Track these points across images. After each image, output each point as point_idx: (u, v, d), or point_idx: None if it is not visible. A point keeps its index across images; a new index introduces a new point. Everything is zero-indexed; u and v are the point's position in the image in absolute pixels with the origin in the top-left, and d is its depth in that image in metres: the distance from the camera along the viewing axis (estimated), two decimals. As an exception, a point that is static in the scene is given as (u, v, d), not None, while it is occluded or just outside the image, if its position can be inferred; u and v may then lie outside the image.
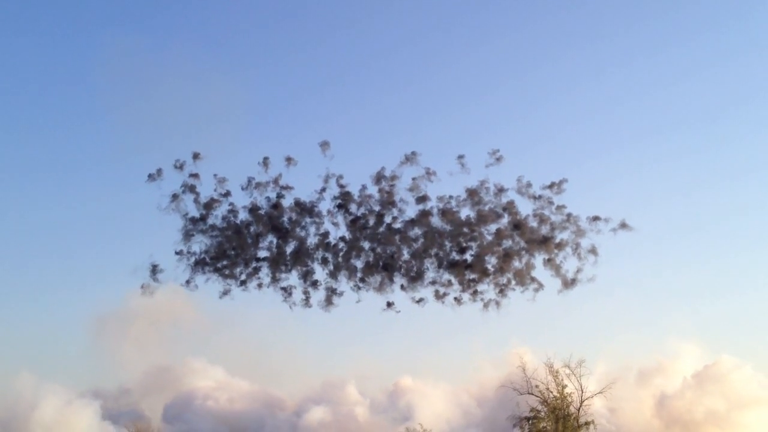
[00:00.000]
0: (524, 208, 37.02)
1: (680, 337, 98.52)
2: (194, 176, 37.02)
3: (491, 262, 36.90)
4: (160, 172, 36.68)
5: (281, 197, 37.16)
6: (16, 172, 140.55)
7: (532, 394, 40.98)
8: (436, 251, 36.97)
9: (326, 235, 37.26)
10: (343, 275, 37.14)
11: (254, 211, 37.08)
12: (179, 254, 36.91)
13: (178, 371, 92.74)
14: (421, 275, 36.97)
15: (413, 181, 36.80)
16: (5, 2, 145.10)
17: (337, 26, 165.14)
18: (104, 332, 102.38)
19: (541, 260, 37.13)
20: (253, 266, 37.32)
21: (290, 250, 37.30)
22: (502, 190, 36.94)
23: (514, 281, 36.95)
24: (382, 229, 36.93)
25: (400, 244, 36.92)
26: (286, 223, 37.21)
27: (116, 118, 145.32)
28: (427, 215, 36.75)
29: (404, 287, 37.05)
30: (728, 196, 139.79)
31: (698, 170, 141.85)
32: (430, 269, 37.07)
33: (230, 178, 37.36)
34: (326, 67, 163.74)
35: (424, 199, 36.81)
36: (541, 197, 37.09)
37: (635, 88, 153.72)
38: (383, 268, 36.87)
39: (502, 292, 36.99)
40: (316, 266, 37.32)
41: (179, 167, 36.92)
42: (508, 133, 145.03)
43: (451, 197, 36.90)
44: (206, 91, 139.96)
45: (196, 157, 36.92)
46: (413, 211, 36.89)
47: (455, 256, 36.89)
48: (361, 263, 37.08)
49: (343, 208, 37.06)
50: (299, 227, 37.23)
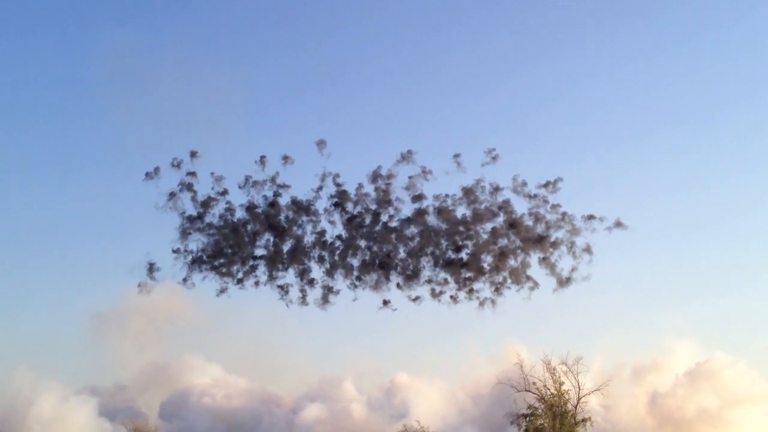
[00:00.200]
0: (520, 206, 37.41)
1: (675, 334, 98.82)
2: (191, 174, 37.30)
3: (487, 260, 37.20)
4: (157, 170, 36.94)
5: (278, 196, 37.42)
6: (13, 170, 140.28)
7: (529, 391, 41.27)
8: (432, 250, 37.19)
9: (323, 233, 37.49)
10: (339, 273, 37.40)
11: (251, 209, 37.26)
12: (176, 252, 37.19)
13: (175, 368, 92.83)
14: (417, 273, 37.22)
15: (409, 179, 37.12)
16: (4, 1, 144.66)
17: (334, 25, 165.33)
18: (102, 329, 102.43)
19: (536, 259, 37.47)
20: (250, 264, 37.50)
21: (287, 248, 37.54)
22: (497, 188, 37.25)
23: (509, 280, 37.22)
24: (378, 227, 37.15)
25: (396, 242, 37.14)
26: (282, 221, 37.42)
27: (114, 116, 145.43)
28: (423, 214, 36.98)
29: (400, 285, 37.31)
30: (723, 195, 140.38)
31: (691, 169, 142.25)
32: (426, 268, 37.35)
33: (227, 176, 37.69)
34: (323, 66, 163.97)
35: (420, 197, 37.06)
36: (536, 196, 37.39)
37: (630, 88, 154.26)
38: (380, 266, 37.05)
39: (497, 290, 37.26)
40: (312, 264, 37.61)
41: (176, 166, 37.18)
42: (503, 132, 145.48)
43: (447, 196, 37.21)
44: (203, 89, 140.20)
45: (193, 155, 37.20)
46: (409, 209, 37.23)
47: (451, 254, 37.12)
48: (357, 261, 37.34)
49: (339, 206, 37.25)
50: (296, 226, 37.47)
